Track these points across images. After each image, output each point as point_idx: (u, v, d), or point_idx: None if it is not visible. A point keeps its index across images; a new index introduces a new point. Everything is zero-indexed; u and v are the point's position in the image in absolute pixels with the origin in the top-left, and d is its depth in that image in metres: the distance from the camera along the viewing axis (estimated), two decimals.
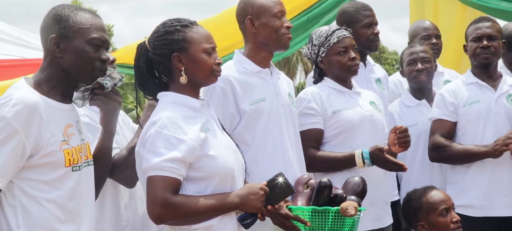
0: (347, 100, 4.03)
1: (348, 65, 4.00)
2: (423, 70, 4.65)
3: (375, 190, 3.92)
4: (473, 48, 4.35)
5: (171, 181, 2.82)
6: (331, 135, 3.98)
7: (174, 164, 2.81)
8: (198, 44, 2.99)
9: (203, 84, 3.08)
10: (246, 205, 2.96)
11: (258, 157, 3.53)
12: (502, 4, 5.61)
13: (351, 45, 4.02)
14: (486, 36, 4.33)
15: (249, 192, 2.96)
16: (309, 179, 3.52)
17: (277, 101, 3.66)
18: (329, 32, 4.03)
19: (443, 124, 4.36)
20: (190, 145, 2.84)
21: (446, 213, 3.80)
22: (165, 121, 2.85)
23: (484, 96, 4.34)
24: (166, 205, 2.80)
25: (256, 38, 3.68)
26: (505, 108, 4.32)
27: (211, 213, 2.89)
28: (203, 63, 2.99)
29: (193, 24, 3.04)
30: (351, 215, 3.30)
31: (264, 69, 3.69)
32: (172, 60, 2.97)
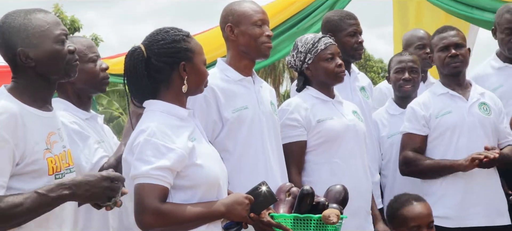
0: (331, 109, 4.04)
1: (335, 72, 4.00)
2: (409, 80, 4.67)
3: (358, 200, 3.94)
4: (441, 58, 4.34)
5: (159, 189, 2.81)
6: (315, 144, 3.98)
7: (162, 172, 2.81)
8: (200, 55, 3.03)
9: (195, 94, 3.09)
10: (232, 214, 2.97)
11: (240, 164, 3.54)
12: (486, 15, 5.64)
13: (337, 53, 4.03)
14: (453, 45, 4.32)
15: (234, 201, 2.97)
16: (291, 187, 3.53)
17: (260, 110, 3.67)
18: (316, 39, 4.03)
19: (413, 138, 4.35)
20: (178, 153, 2.84)
21: (416, 230, 3.74)
22: (154, 129, 2.85)
23: (456, 106, 4.33)
24: (154, 213, 2.79)
25: (236, 46, 3.69)
26: (478, 117, 4.31)
27: (198, 221, 2.89)
28: (203, 74, 3.04)
29: (191, 36, 3.07)
30: (333, 222, 3.31)
31: (247, 77, 3.70)
32: (176, 69, 2.97)
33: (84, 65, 3.36)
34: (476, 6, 5.58)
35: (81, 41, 3.45)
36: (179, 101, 3.00)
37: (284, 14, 6.05)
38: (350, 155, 3.98)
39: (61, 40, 2.80)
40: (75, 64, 2.85)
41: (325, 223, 3.32)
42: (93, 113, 3.49)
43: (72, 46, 2.83)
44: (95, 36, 30.70)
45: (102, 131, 3.49)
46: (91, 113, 3.47)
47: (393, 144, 4.57)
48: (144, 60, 2.97)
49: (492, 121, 4.36)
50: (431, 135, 4.34)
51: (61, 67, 2.80)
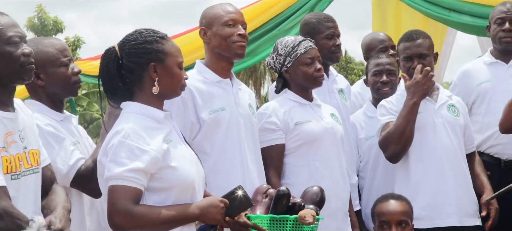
0: (309, 112, 4.06)
1: (314, 76, 4.02)
2: (387, 83, 4.69)
3: (336, 202, 3.97)
4: (406, 68, 4.35)
5: (133, 190, 2.81)
6: (293, 147, 4.00)
7: (136, 174, 2.81)
8: (174, 58, 3.01)
9: (170, 96, 3.08)
10: (206, 217, 2.98)
11: (217, 166, 3.55)
12: (464, 18, 5.70)
13: (317, 57, 4.05)
14: (417, 56, 4.33)
15: (209, 204, 2.98)
16: (268, 188, 3.54)
17: (237, 111, 3.68)
18: (296, 42, 4.05)
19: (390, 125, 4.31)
20: (152, 155, 2.84)
21: (385, 226, 3.78)
22: (129, 131, 2.85)
23: (425, 108, 4.33)
24: (127, 214, 2.79)
25: (210, 48, 3.72)
26: (447, 118, 4.35)
27: (172, 224, 2.89)
28: (176, 76, 3.02)
29: (168, 38, 3.06)
30: (309, 223, 3.33)
31: (225, 79, 3.72)
32: (147, 70, 2.96)
33: (56, 69, 3.34)
34: (453, 9, 5.63)
35: (54, 44, 3.41)
36: (155, 103, 2.99)
37: (264, 16, 6.08)
38: (328, 158, 4.01)
39: (14, 42, 2.78)
40: (29, 68, 2.83)
41: (301, 223, 3.34)
42: (67, 115, 3.47)
43: (28, 49, 2.81)
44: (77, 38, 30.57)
45: (77, 132, 3.47)
46: (65, 115, 3.44)
47: (371, 146, 4.59)
48: (117, 60, 2.98)
49: (462, 122, 4.40)
50: None
51: (13, 70, 2.79)
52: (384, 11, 6.52)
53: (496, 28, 4.77)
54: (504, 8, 4.79)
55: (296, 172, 3.98)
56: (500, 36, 4.77)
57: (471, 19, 5.68)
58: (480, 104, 4.75)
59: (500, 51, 4.84)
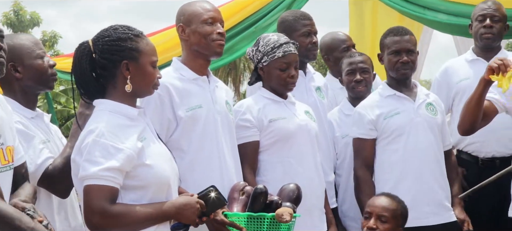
0: (283, 109, 4.06)
1: (286, 82, 4.03)
2: (361, 81, 4.70)
3: (311, 199, 3.98)
4: (392, 62, 4.38)
5: (109, 190, 2.80)
6: (267, 144, 4.01)
7: (112, 172, 2.80)
8: (148, 56, 2.99)
9: (142, 95, 3.07)
10: (182, 216, 2.98)
11: (195, 163, 3.54)
12: (439, 16, 5.72)
13: (294, 62, 4.04)
14: (405, 51, 4.37)
15: (185, 203, 2.98)
16: (245, 186, 3.56)
17: (214, 109, 3.68)
18: (277, 44, 4.02)
19: (362, 144, 4.38)
20: (127, 153, 2.83)
21: (367, 216, 3.87)
22: (103, 129, 2.84)
23: (404, 108, 4.37)
24: (104, 213, 2.79)
25: (188, 45, 3.71)
26: (426, 118, 4.37)
27: (148, 222, 2.89)
28: (149, 75, 3.00)
29: (143, 35, 3.04)
30: (286, 221, 3.35)
31: (202, 76, 3.71)
32: (119, 67, 2.95)
33: (32, 61, 3.32)
34: (429, 7, 5.66)
35: (28, 37, 3.40)
36: (127, 101, 2.98)
37: (242, 14, 6.07)
38: (302, 155, 4.02)
39: None
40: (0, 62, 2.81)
41: (278, 221, 3.36)
42: (39, 112, 3.44)
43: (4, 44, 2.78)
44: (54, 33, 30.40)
45: (48, 130, 3.44)
46: (37, 112, 3.41)
47: (347, 144, 4.60)
48: (90, 55, 2.96)
49: (439, 121, 4.44)
50: (380, 137, 4.39)
51: None
52: (361, 9, 6.54)
53: (477, 25, 4.83)
54: (485, 6, 4.84)
55: (271, 168, 4.00)
56: (481, 33, 4.82)
57: (447, 18, 5.70)
58: (459, 102, 4.78)
59: (481, 48, 4.89)
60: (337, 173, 4.73)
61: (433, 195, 4.31)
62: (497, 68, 3.84)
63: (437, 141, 4.40)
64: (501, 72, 3.81)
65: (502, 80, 3.80)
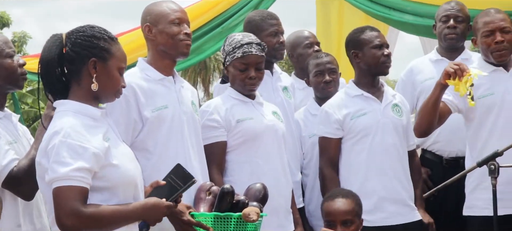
0: (250, 110, 4.07)
1: (244, 83, 4.04)
2: (331, 82, 4.72)
3: (278, 199, 4.00)
4: (377, 55, 4.39)
5: (80, 190, 2.77)
6: (235, 144, 4.02)
7: (81, 173, 2.77)
8: (117, 61, 2.97)
9: (104, 98, 3.02)
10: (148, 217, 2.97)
11: (161, 164, 3.53)
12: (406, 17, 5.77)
13: (255, 63, 4.02)
14: (386, 45, 4.43)
15: (154, 205, 2.96)
16: (212, 186, 3.56)
17: (180, 109, 3.68)
18: (238, 44, 4.03)
19: (329, 143, 4.39)
20: (95, 153, 2.81)
21: (331, 225, 3.84)
22: (68, 130, 2.81)
23: (370, 108, 4.39)
24: (76, 215, 2.75)
25: (155, 45, 3.70)
26: (392, 119, 4.39)
27: (120, 222, 2.88)
28: (115, 80, 2.98)
29: (117, 41, 3.03)
30: (253, 220, 3.37)
31: (167, 77, 3.70)
32: (86, 64, 2.92)
33: (1, 60, 3.30)
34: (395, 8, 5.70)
35: None
36: (90, 102, 2.95)
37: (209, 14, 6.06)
38: (269, 155, 4.04)
39: None
40: None
41: (245, 221, 3.37)
42: (7, 112, 3.41)
43: None
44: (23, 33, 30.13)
45: (15, 131, 3.41)
46: (5, 113, 3.38)
47: (314, 144, 4.61)
48: (61, 46, 2.93)
49: (404, 122, 4.47)
50: (346, 136, 4.40)
51: None
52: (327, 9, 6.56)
53: (441, 25, 4.88)
54: (449, 6, 4.90)
55: (238, 169, 4.01)
56: (445, 33, 4.87)
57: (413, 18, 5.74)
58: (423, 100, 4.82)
59: (445, 48, 4.95)
60: (304, 173, 4.75)
61: (397, 195, 4.34)
62: (453, 73, 3.90)
63: (402, 142, 4.43)
64: (458, 77, 3.88)
65: (459, 85, 3.88)
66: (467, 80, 3.84)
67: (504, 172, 3.45)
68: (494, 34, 4.25)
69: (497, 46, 4.25)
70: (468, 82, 3.85)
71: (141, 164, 3.29)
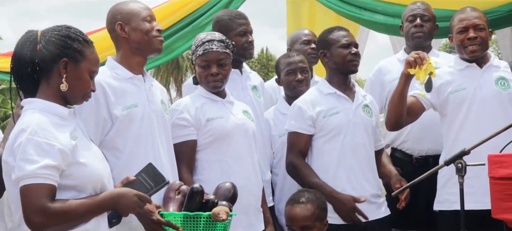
0: (221, 109, 4.08)
1: (207, 80, 4.05)
2: (302, 81, 4.75)
3: (248, 198, 4.01)
4: (344, 55, 4.40)
5: (48, 187, 2.77)
6: (205, 143, 4.02)
7: (49, 170, 2.76)
8: (89, 64, 2.98)
9: (72, 100, 3.02)
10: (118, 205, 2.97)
11: (130, 162, 3.51)
12: (376, 17, 5.81)
13: (216, 59, 4.03)
14: (354, 44, 4.44)
15: (122, 193, 2.98)
16: (181, 185, 3.55)
17: (150, 108, 3.67)
18: (200, 43, 4.06)
19: (299, 138, 4.41)
20: (62, 150, 2.81)
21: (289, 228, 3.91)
22: (35, 127, 2.80)
23: (342, 108, 4.41)
24: (45, 212, 2.75)
25: (128, 43, 3.69)
26: (362, 120, 4.42)
27: (89, 215, 2.88)
28: (84, 82, 2.98)
29: (92, 45, 3.03)
30: (222, 219, 3.36)
31: (137, 75, 3.69)
32: (58, 63, 2.92)
33: None
34: (365, 8, 5.74)
35: None
36: (58, 101, 2.95)
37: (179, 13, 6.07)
38: (239, 154, 4.04)
39: None
40: None
41: (214, 220, 3.36)
42: None
43: None
44: None
45: None
46: None
47: (284, 143, 4.61)
48: (35, 43, 2.93)
49: (374, 123, 4.51)
50: (317, 134, 4.42)
51: None
52: (298, 9, 6.60)
53: (408, 25, 4.94)
54: (415, 6, 4.98)
55: (208, 168, 4.01)
56: (412, 32, 4.93)
57: (383, 18, 5.79)
58: None
59: (412, 47, 4.98)
60: (274, 172, 4.76)
61: (365, 193, 4.36)
62: (413, 61, 4.00)
63: (370, 142, 4.47)
64: (418, 65, 3.99)
65: (419, 73, 3.99)
66: (427, 68, 3.93)
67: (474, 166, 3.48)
68: (468, 31, 4.31)
69: (469, 42, 4.31)
70: (428, 70, 3.95)
71: (110, 162, 3.31)
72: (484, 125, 4.15)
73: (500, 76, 4.38)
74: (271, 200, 4.63)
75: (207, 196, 3.48)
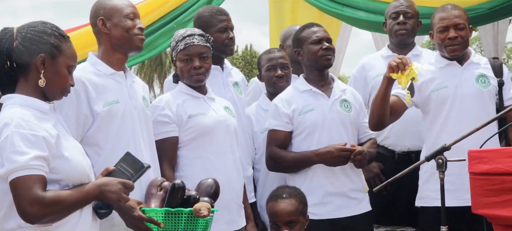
0: (202, 105, 4.08)
1: (190, 74, 4.05)
2: (283, 76, 4.75)
3: (230, 194, 4.01)
4: (314, 51, 4.41)
5: (39, 178, 2.78)
6: (186, 139, 4.02)
7: (39, 161, 2.78)
8: (66, 59, 2.99)
9: (51, 95, 3.02)
10: (104, 194, 2.99)
11: (111, 159, 3.46)
12: (358, 13, 5.83)
13: (197, 53, 4.04)
14: (326, 39, 4.45)
15: (107, 182, 3.00)
16: (163, 181, 3.55)
17: (131, 104, 3.66)
18: (180, 37, 4.07)
19: (278, 135, 4.43)
20: (46, 138, 2.82)
21: (275, 226, 3.90)
22: (19, 120, 2.81)
23: (318, 104, 4.42)
24: (40, 202, 2.75)
25: (109, 39, 3.68)
26: (339, 115, 4.43)
27: (79, 204, 2.91)
28: (63, 78, 2.99)
29: (68, 40, 3.03)
30: (204, 215, 3.35)
31: (118, 72, 3.68)
32: (35, 59, 2.92)
33: None
34: (347, 5, 5.76)
35: None
36: (38, 97, 2.96)
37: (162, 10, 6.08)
38: (221, 150, 4.04)
39: None
40: None
41: (196, 216, 3.36)
42: None
43: None
44: None
45: None
46: None
47: (266, 139, 4.65)
48: (10, 41, 2.94)
49: (353, 117, 4.50)
50: (295, 131, 4.43)
51: None
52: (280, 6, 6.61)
53: (391, 22, 4.97)
54: (398, 3, 4.99)
55: (190, 164, 4.01)
56: (395, 29, 4.96)
57: (365, 15, 5.82)
58: None
59: (396, 44, 5.03)
60: (256, 168, 4.76)
61: (344, 189, 4.37)
62: (396, 66, 4.00)
63: (350, 137, 4.46)
64: (400, 70, 3.98)
65: (401, 78, 3.99)
66: (409, 74, 3.93)
67: (456, 163, 3.51)
68: (448, 30, 4.34)
69: (450, 42, 4.34)
70: (410, 75, 3.94)
71: (92, 159, 3.31)
72: (465, 122, 4.17)
73: (480, 73, 4.41)
74: (253, 196, 4.64)
75: (189, 192, 3.47)
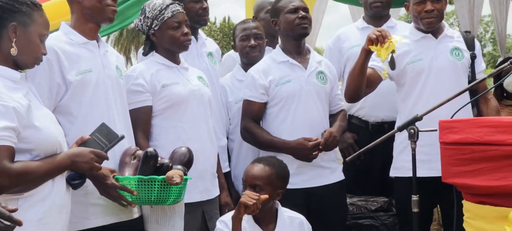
0: (176, 75, 4.08)
1: (181, 40, 4.04)
2: (256, 46, 4.77)
3: (204, 163, 4.03)
4: (290, 20, 4.43)
5: (8, 149, 2.77)
6: (160, 109, 4.02)
7: (7, 132, 2.77)
8: (38, 27, 2.99)
9: (23, 64, 3.02)
10: (76, 165, 3.02)
11: (85, 127, 3.47)
12: None
13: (184, 20, 4.06)
14: (302, 8, 4.46)
15: (79, 152, 3.03)
16: (136, 150, 3.56)
17: (104, 73, 3.64)
18: (163, 6, 4.05)
19: (253, 106, 4.46)
20: (16, 108, 2.81)
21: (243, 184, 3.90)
22: None
23: (295, 76, 4.44)
24: (6, 173, 2.76)
25: (81, 8, 3.65)
26: (315, 87, 4.46)
27: (47, 176, 2.91)
28: (35, 46, 2.99)
29: (40, 8, 3.03)
30: (176, 183, 3.38)
31: (91, 41, 3.67)
32: (7, 27, 2.92)
33: None
34: None
35: None
36: (10, 65, 2.95)
37: None
38: (195, 120, 4.05)
39: None
40: None
41: (168, 184, 3.38)
42: None
43: None
44: None
45: None
46: None
47: (240, 109, 4.65)
48: None
49: (328, 89, 4.53)
50: (270, 102, 4.46)
51: None
52: None
53: None
54: None
55: (164, 133, 4.01)
56: (370, 2, 5.00)
57: None
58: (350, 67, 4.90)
59: (371, 16, 5.06)
60: (230, 138, 4.79)
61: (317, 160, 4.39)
62: (375, 39, 3.99)
63: (325, 109, 4.51)
64: (380, 43, 3.97)
65: (380, 51, 3.97)
66: (388, 46, 3.93)
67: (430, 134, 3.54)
68: (425, 2, 4.36)
69: (426, 15, 4.37)
70: (390, 48, 3.94)
71: (65, 128, 3.32)
72: (440, 95, 4.19)
73: (454, 46, 4.45)
74: (227, 166, 4.67)
75: (162, 160, 3.49)
